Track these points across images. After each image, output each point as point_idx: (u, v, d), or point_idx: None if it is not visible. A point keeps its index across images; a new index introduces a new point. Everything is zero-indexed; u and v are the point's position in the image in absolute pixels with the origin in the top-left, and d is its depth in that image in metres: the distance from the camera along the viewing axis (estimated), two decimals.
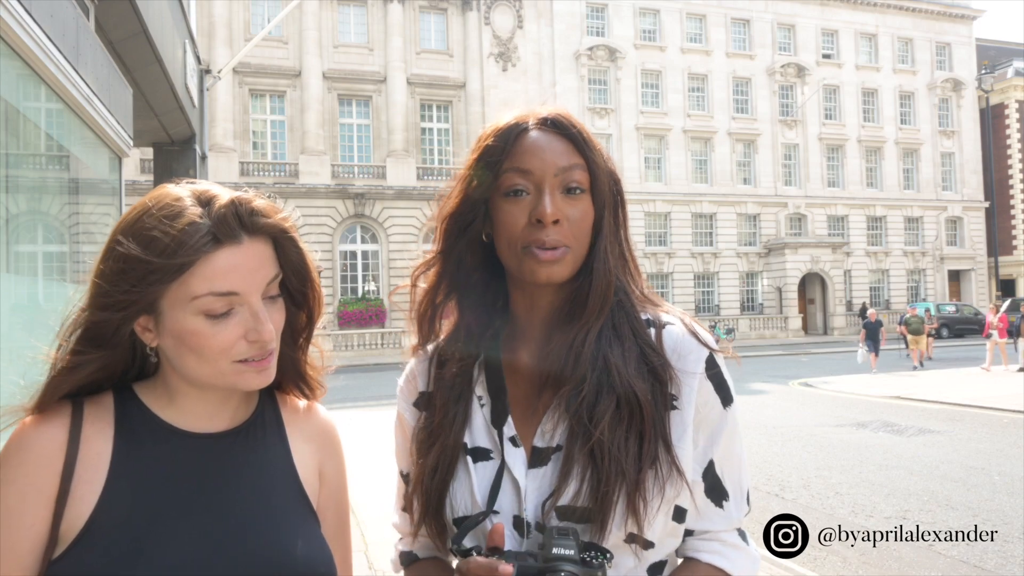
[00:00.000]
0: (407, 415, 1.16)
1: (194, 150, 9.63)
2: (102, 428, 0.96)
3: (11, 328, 3.21)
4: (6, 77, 3.06)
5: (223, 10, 27.88)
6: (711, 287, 35.34)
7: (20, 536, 0.89)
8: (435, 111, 31.45)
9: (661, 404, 1.02)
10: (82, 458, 0.93)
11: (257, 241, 0.97)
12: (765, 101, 36.41)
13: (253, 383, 0.98)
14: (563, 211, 1.01)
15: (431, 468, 1.06)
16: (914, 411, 11.83)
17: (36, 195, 4.04)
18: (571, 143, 1.04)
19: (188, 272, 0.91)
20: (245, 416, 1.07)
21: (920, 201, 39.22)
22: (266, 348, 0.96)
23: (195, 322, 0.93)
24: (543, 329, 1.09)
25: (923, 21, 39.91)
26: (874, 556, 4.98)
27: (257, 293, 0.95)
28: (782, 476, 7.34)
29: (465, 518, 1.03)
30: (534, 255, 1.01)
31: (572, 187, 1.02)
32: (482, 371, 1.10)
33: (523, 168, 1.02)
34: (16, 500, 0.90)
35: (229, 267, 0.93)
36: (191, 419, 1.01)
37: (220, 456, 1.01)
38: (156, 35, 6.15)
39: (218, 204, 0.95)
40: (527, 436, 1.05)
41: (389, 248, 29.54)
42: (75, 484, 0.91)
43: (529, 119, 1.05)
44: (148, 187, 11.13)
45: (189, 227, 0.91)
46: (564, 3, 33.24)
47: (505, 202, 1.03)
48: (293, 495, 1.05)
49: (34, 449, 0.92)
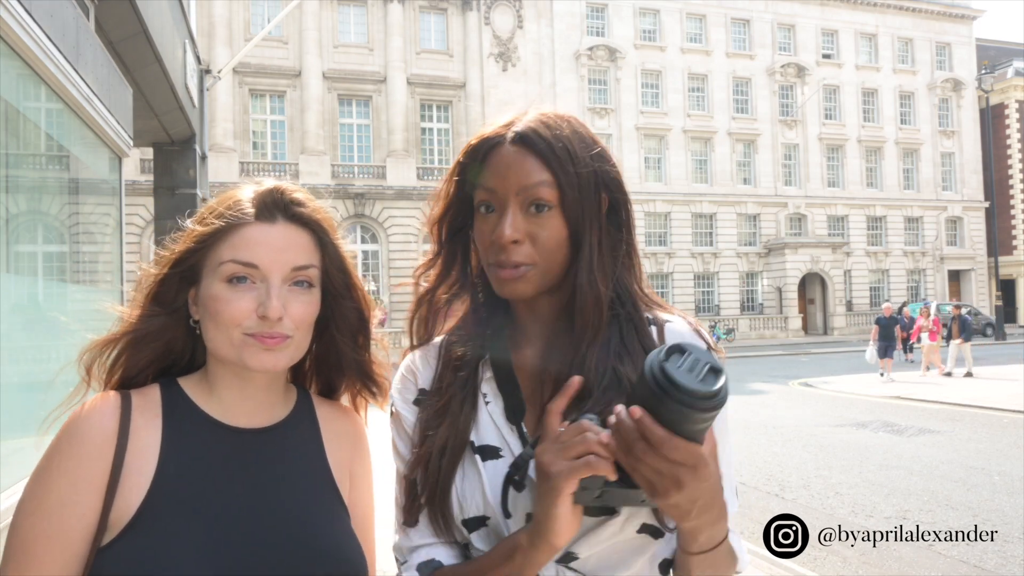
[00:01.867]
0: (407, 414, 1.13)
1: (194, 150, 9.63)
2: (150, 419, 1.00)
3: (11, 328, 3.21)
4: (6, 77, 3.06)
5: (223, 10, 27.88)
6: (711, 287, 35.35)
7: (71, 524, 0.91)
8: (435, 111, 31.46)
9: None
10: (132, 448, 0.96)
11: (292, 226, 1.04)
12: (765, 101, 36.41)
13: (258, 361, 0.99)
14: (525, 230, 1.00)
15: (436, 457, 1.04)
16: (914, 411, 11.83)
17: (36, 195, 4.03)
18: (539, 158, 1.01)
19: (222, 239, 1.00)
20: (283, 414, 1.10)
21: (920, 201, 39.22)
22: (274, 327, 0.98)
23: (217, 287, 0.99)
24: (544, 332, 1.09)
25: (923, 21, 39.92)
26: (874, 556, 4.98)
27: (279, 273, 1.00)
28: (782, 476, 7.34)
29: (476, 519, 1.01)
30: (496, 273, 1.02)
31: (539, 204, 1.00)
32: (488, 369, 1.08)
33: (488, 187, 1.02)
34: (68, 489, 0.92)
35: (256, 241, 1.00)
36: (232, 414, 1.05)
37: (260, 451, 1.05)
38: (156, 35, 6.15)
39: (263, 188, 1.06)
40: (536, 434, 1.03)
41: (389, 248, 29.55)
42: (125, 474, 0.94)
43: (508, 131, 1.03)
44: (148, 187, 11.11)
45: (233, 204, 1.03)
46: (564, 3, 33.25)
47: (478, 217, 1.05)
48: (328, 491, 1.09)
49: (87, 439, 0.95)
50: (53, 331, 3.74)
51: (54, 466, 0.94)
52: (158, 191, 9.69)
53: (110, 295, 5.18)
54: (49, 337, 3.82)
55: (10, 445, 2.82)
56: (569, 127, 1.05)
